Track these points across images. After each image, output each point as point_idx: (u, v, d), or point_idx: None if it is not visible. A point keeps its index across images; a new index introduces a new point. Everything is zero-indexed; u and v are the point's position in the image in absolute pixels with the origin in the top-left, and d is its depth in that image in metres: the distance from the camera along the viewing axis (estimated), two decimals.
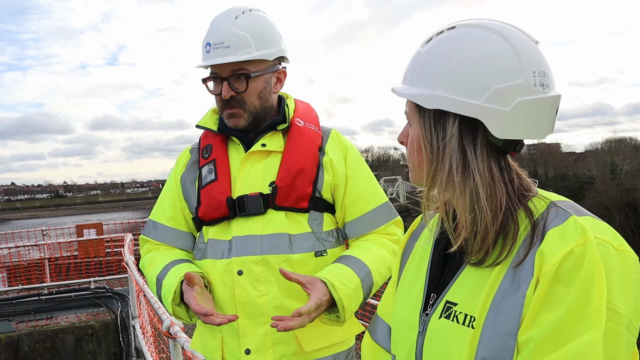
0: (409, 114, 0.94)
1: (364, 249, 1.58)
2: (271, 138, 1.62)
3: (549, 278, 0.77)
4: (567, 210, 0.83)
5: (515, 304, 0.79)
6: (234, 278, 1.54)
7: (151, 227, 1.73)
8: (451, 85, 0.84)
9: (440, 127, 0.87)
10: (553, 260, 0.77)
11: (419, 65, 0.90)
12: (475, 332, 0.82)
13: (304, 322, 1.34)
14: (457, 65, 0.84)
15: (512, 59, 0.83)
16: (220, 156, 1.64)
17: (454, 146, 0.85)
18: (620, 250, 0.78)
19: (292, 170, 1.57)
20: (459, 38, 0.87)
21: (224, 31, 1.56)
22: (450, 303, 0.88)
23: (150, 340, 4.12)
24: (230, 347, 1.56)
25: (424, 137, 0.89)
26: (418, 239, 1.09)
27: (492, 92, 0.82)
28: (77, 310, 6.99)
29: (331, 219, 1.64)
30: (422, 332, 0.93)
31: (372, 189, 1.67)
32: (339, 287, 1.41)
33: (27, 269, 9.16)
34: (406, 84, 0.92)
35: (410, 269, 1.05)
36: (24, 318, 6.77)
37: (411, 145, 0.93)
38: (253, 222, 1.56)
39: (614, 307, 0.74)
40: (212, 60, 1.55)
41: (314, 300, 1.35)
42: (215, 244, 1.60)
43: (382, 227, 1.65)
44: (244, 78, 1.57)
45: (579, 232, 0.78)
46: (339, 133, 1.72)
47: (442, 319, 0.89)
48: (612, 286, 0.75)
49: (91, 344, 6.59)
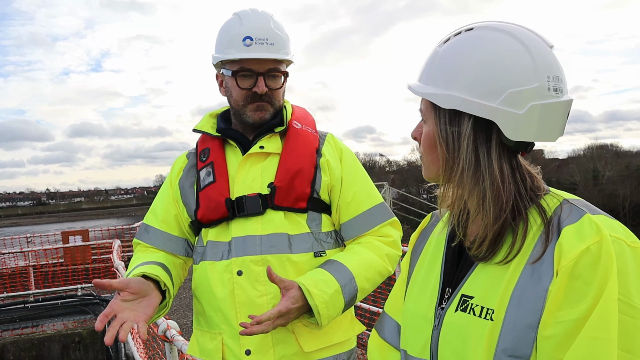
0: (424, 111, 0.95)
1: (352, 253, 1.59)
2: (269, 140, 1.63)
3: (567, 273, 0.78)
4: (580, 208, 0.85)
5: (537, 298, 0.81)
6: (234, 279, 1.54)
7: (143, 230, 1.73)
8: (467, 86, 0.86)
9: (455, 127, 0.88)
10: (570, 255, 0.79)
11: (435, 65, 0.91)
12: (495, 325, 0.84)
13: (267, 328, 1.36)
14: (473, 67, 0.86)
15: (528, 63, 0.85)
16: (218, 158, 1.65)
17: (467, 146, 0.87)
18: (633, 247, 0.80)
19: (291, 171, 1.58)
20: (476, 40, 0.88)
21: (266, 28, 1.58)
22: (466, 296, 0.90)
23: (141, 346, 4.09)
24: (230, 349, 1.56)
25: (439, 135, 0.91)
26: (430, 236, 1.10)
27: (506, 95, 0.84)
28: (64, 318, 6.90)
29: (330, 220, 1.65)
30: (437, 325, 0.94)
31: (366, 191, 1.68)
32: (315, 294, 1.42)
33: (12, 277, 9.01)
34: (422, 82, 0.93)
35: (422, 265, 1.07)
36: (9, 326, 6.67)
37: (425, 142, 0.95)
38: (252, 223, 1.56)
39: (631, 302, 0.76)
40: (258, 54, 1.56)
41: (278, 307, 1.37)
42: (215, 245, 1.60)
43: (377, 228, 1.65)
44: (281, 76, 1.62)
45: (594, 230, 0.80)
46: (335, 137, 1.74)
47: (459, 312, 0.90)
48: (629, 281, 0.77)
49: (78, 352, 6.50)
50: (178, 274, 1.67)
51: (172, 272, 1.61)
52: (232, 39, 1.58)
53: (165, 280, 1.50)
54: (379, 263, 1.58)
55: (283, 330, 1.53)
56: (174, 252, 1.70)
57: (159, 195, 1.77)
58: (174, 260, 1.68)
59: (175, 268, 1.65)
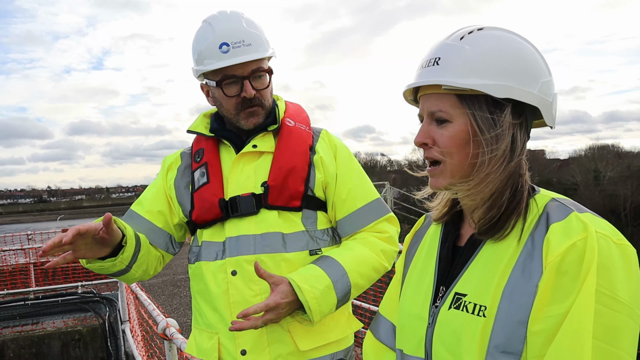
0: (449, 110, 0.91)
1: (346, 249, 1.58)
2: (262, 139, 1.63)
3: (554, 269, 0.80)
4: (568, 207, 0.87)
5: (528, 294, 0.82)
6: (228, 278, 1.54)
7: (128, 216, 1.71)
8: (512, 75, 0.89)
9: (498, 118, 0.89)
10: (557, 251, 0.81)
11: (469, 59, 0.90)
12: (487, 321, 0.85)
13: (256, 323, 1.36)
14: (512, 58, 0.90)
15: (540, 58, 0.93)
16: (212, 159, 1.65)
17: (508, 135, 0.90)
18: (619, 244, 0.82)
19: (284, 169, 1.58)
20: (500, 36, 0.92)
21: (240, 30, 1.54)
22: (459, 294, 0.91)
23: (141, 344, 4.10)
24: (226, 348, 1.56)
25: (479, 129, 0.89)
26: (424, 237, 1.11)
27: (541, 84, 0.90)
28: (64, 315, 6.90)
29: (326, 218, 1.65)
30: (431, 323, 0.95)
31: (362, 187, 1.67)
32: (306, 289, 1.41)
33: (12, 274, 9.02)
34: (456, 77, 0.89)
35: (417, 265, 1.08)
36: (9, 323, 6.67)
37: (454, 141, 0.91)
38: (246, 222, 1.56)
39: (615, 296, 0.78)
40: (238, 59, 1.52)
41: (266, 302, 1.36)
42: (209, 246, 1.60)
43: (373, 224, 1.64)
44: (266, 75, 1.59)
45: (581, 227, 0.82)
46: (330, 133, 1.73)
47: (452, 310, 0.91)
48: (614, 277, 0.79)
49: (78, 350, 6.51)
50: (148, 260, 1.63)
51: (142, 249, 1.58)
52: (208, 48, 1.54)
53: (128, 239, 1.47)
54: (373, 259, 1.58)
55: (278, 330, 1.53)
56: (154, 242, 1.67)
57: (149, 188, 1.76)
58: (150, 248, 1.65)
59: (148, 253, 1.62)
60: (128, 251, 1.49)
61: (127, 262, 1.51)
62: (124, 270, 1.53)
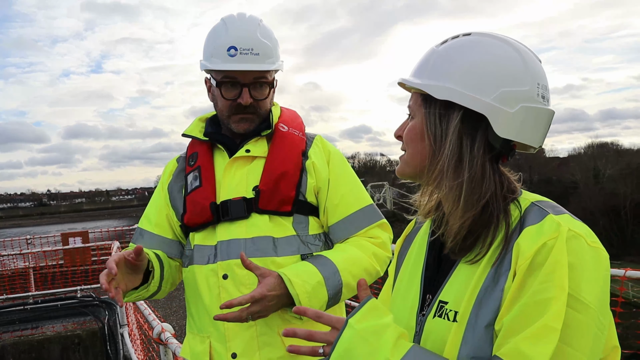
0: (414, 106, 0.97)
1: (338, 250, 1.58)
2: (255, 144, 1.64)
3: (523, 271, 0.80)
4: (545, 210, 0.87)
5: (495, 298, 0.83)
6: (220, 282, 1.54)
7: (138, 235, 1.74)
8: (462, 80, 0.89)
9: (444, 119, 0.91)
10: (527, 254, 0.81)
11: (432, 61, 0.94)
12: (458, 326, 0.86)
13: (240, 315, 1.35)
14: (469, 63, 0.90)
15: (521, 67, 0.89)
16: (205, 163, 1.66)
17: (453, 137, 0.89)
18: (593, 246, 0.82)
19: (275, 174, 1.58)
20: (475, 42, 0.92)
21: (252, 38, 1.56)
22: (442, 302, 0.92)
23: (139, 348, 4.08)
24: (217, 352, 1.55)
25: (428, 127, 0.93)
26: (412, 242, 1.11)
27: (500, 93, 0.88)
28: (63, 320, 6.91)
29: (317, 223, 1.64)
30: (418, 332, 0.96)
31: (355, 192, 1.67)
32: (297, 283, 1.41)
33: (12, 278, 9.02)
34: (416, 76, 0.96)
35: (405, 272, 1.08)
36: (9, 328, 6.67)
37: (410, 133, 0.97)
38: (237, 227, 1.56)
39: (579, 297, 0.77)
40: (242, 66, 1.54)
41: (251, 293, 1.36)
42: (201, 249, 1.60)
43: (365, 230, 1.64)
44: (267, 86, 1.61)
45: (553, 228, 0.82)
46: (324, 139, 1.74)
47: (436, 318, 0.92)
48: (581, 277, 0.78)
49: (78, 354, 6.51)
50: (172, 273, 1.67)
51: (165, 266, 1.62)
52: (217, 48, 1.57)
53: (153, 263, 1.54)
54: (365, 260, 1.57)
55: (269, 333, 1.53)
56: (170, 254, 1.70)
57: (152, 200, 1.78)
58: (170, 261, 1.68)
59: (170, 267, 1.66)
60: (156, 274, 1.56)
61: (157, 284, 1.58)
62: (156, 291, 1.61)
